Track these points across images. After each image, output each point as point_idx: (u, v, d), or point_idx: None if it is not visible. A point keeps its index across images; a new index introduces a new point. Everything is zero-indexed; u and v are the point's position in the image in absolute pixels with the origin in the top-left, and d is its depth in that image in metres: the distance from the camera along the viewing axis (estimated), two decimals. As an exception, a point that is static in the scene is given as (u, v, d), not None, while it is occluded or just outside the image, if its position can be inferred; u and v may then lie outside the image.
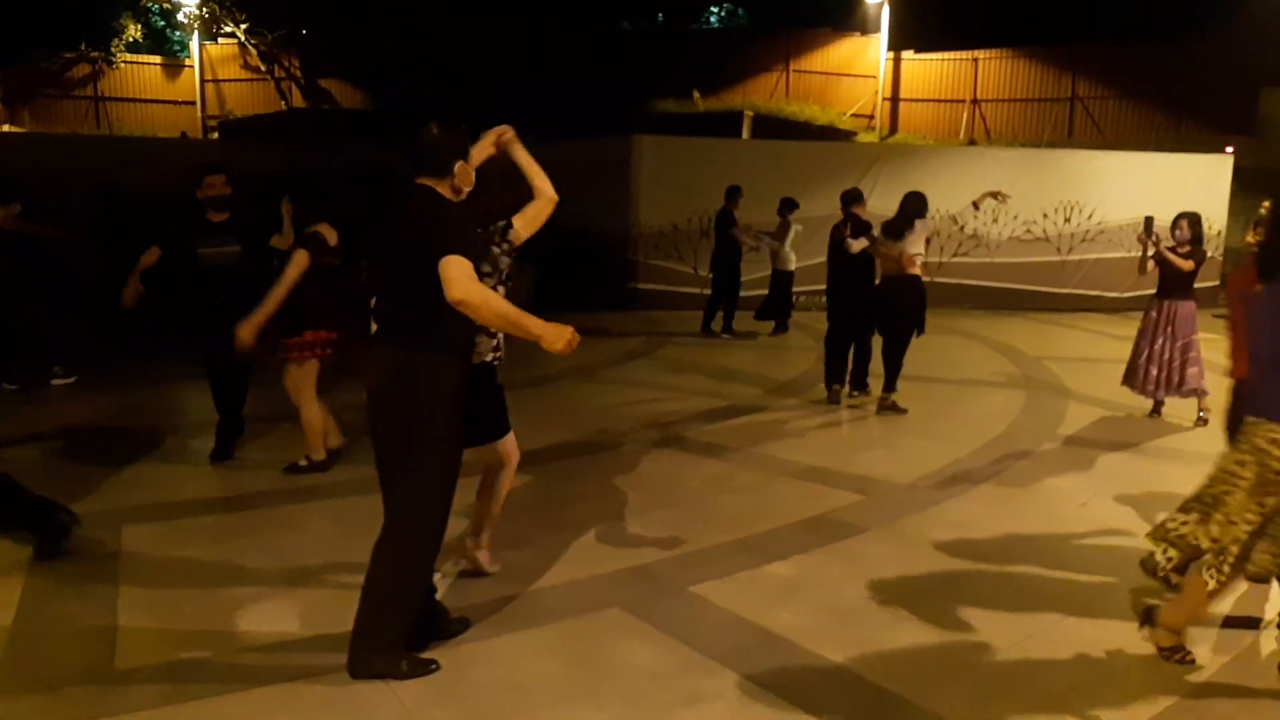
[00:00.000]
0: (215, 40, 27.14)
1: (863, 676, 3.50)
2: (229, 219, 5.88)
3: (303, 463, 5.88)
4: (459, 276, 3.15)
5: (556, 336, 3.20)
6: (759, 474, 6.03)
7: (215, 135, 24.56)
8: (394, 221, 3.45)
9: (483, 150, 3.88)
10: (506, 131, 3.97)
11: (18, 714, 3.19)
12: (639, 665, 3.57)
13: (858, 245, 7.74)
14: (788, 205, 11.21)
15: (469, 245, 3.31)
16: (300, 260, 5.46)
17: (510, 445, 4.21)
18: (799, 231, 11.21)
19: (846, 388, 8.15)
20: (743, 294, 11.35)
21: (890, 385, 7.65)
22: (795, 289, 11.64)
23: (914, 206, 7.50)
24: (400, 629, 3.44)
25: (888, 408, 7.66)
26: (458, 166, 3.43)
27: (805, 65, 25.99)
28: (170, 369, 8.18)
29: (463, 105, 21.72)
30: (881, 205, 9.41)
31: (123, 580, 4.22)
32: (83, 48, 25.69)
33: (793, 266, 11.30)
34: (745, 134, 18.90)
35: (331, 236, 5.61)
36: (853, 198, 8.07)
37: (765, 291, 11.55)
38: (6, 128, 22.58)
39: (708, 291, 11.44)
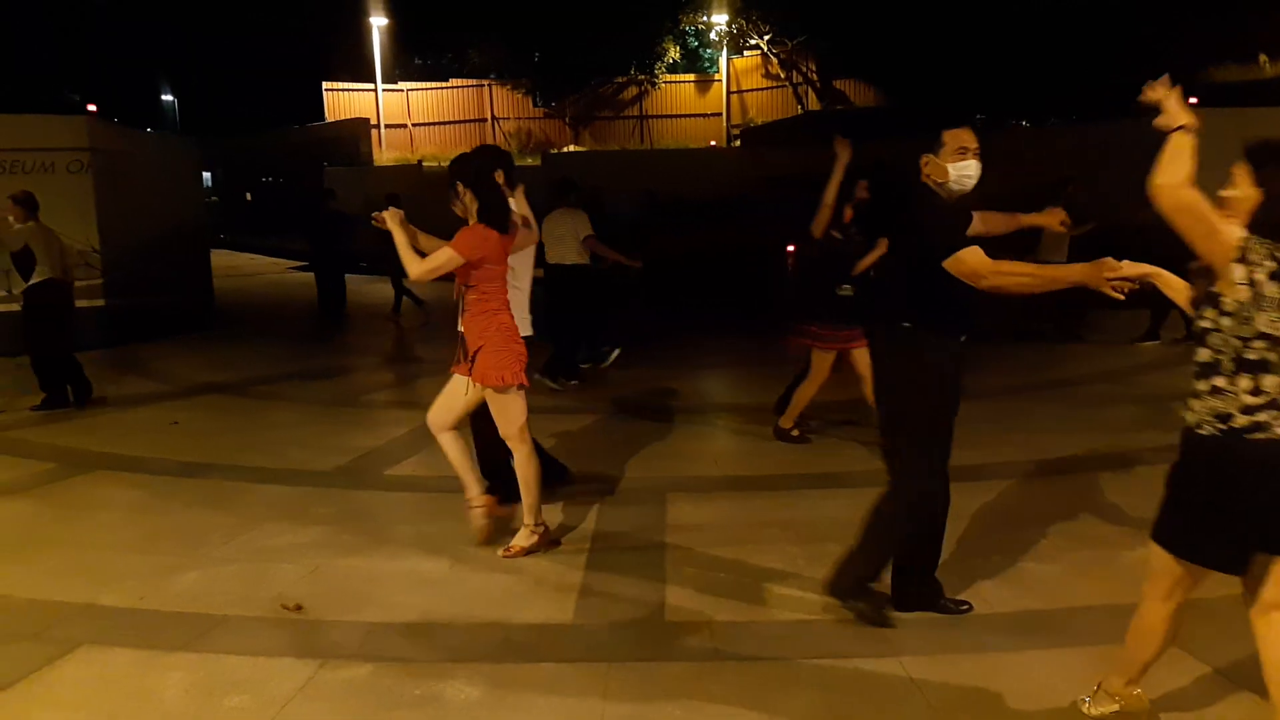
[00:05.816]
0: (741, 54, 29.33)
1: None
2: None
3: (794, 433, 6.54)
4: None
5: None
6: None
7: (738, 143, 26.54)
8: None
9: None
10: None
11: (582, 640, 3.72)
12: (1197, 710, 3.13)
13: None
14: None
15: None
16: None
17: None
18: None
19: None
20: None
21: None
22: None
23: None
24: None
25: None
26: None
27: None
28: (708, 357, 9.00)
29: (978, 92, 20.91)
30: None
31: (668, 541, 4.73)
32: (631, 72, 29.39)
33: None
34: (1332, 100, 15.59)
35: None
36: None
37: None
38: (571, 147, 26.61)
39: None
